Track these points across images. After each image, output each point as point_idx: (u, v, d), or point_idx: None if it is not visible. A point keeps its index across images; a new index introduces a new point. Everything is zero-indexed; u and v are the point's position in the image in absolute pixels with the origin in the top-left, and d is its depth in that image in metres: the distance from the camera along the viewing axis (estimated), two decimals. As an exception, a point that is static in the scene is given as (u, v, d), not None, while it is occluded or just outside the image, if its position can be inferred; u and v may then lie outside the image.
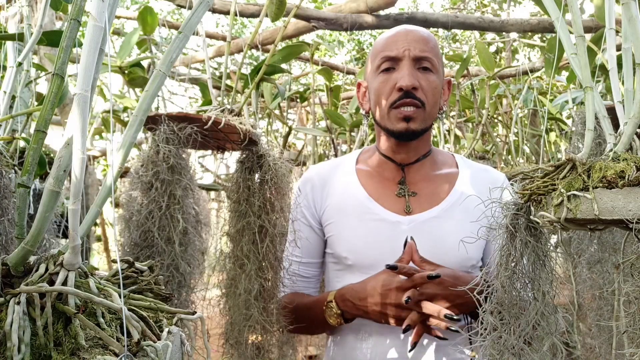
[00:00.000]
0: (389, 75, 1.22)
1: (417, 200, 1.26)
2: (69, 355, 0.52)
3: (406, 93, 1.19)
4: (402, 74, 1.20)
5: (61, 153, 0.59)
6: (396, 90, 1.20)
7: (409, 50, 1.21)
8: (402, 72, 1.20)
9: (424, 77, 1.21)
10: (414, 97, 1.19)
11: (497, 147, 2.86)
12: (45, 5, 0.98)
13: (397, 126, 1.21)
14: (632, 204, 0.62)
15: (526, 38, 4.42)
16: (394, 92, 1.20)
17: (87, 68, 0.57)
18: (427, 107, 1.21)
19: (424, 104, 1.21)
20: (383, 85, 1.23)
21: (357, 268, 1.23)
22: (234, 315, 1.15)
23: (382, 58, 1.23)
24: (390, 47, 1.23)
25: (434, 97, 1.22)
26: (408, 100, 1.19)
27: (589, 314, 1.32)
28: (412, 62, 1.21)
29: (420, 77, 1.21)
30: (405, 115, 1.20)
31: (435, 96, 1.23)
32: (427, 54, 1.22)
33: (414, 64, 1.21)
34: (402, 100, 1.20)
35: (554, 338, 0.75)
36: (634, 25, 0.71)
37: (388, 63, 1.23)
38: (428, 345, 1.18)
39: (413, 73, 1.20)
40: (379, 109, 1.25)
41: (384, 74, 1.23)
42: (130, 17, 3.28)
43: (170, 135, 1.06)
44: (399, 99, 1.20)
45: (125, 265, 0.69)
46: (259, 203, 1.14)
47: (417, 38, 1.23)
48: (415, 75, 1.20)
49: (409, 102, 1.19)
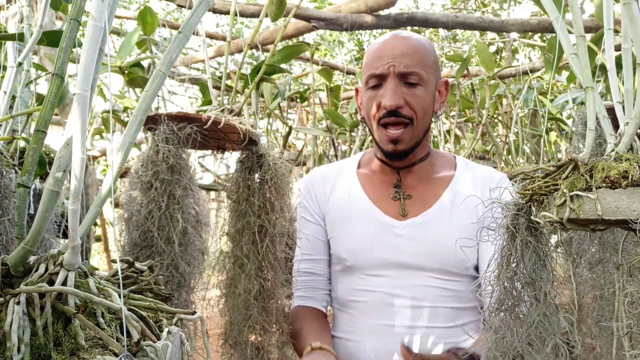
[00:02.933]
0: (376, 92, 1.21)
1: (412, 203, 1.26)
2: (68, 355, 0.52)
3: (391, 112, 1.18)
4: (386, 93, 1.18)
5: (61, 153, 0.59)
6: (382, 108, 1.19)
7: (393, 66, 1.18)
8: (386, 90, 1.18)
9: (410, 92, 1.19)
10: (399, 115, 1.18)
11: (497, 147, 2.86)
12: (45, 5, 0.98)
13: (386, 147, 1.22)
14: (636, 204, 0.62)
15: (526, 38, 4.42)
16: (380, 109, 1.19)
17: (87, 68, 0.57)
18: (416, 122, 1.20)
19: (412, 120, 1.19)
20: (370, 102, 1.22)
21: (356, 269, 1.26)
22: (233, 315, 1.15)
23: (368, 75, 1.22)
24: (375, 64, 1.21)
25: (422, 110, 1.20)
26: (393, 119, 1.18)
27: (590, 314, 1.32)
28: (397, 79, 1.18)
29: (406, 93, 1.18)
30: (392, 138, 1.19)
31: (424, 108, 1.21)
32: (413, 68, 1.18)
33: (400, 80, 1.19)
34: (387, 119, 1.18)
35: (557, 338, 0.75)
36: (635, 26, 0.71)
37: (374, 80, 1.21)
38: (433, 342, 1.19)
39: (397, 91, 1.18)
40: (369, 122, 1.25)
41: (371, 91, 1.22)
42: (130, 17, 3.28)
43: (170, 135, 1.06)
44: (384, 116, 1.19)
45: (125, 265, 0.69)
46: (259, 203, 1.14)
47: (403, 52, 1.19)
48: (400, 93, 1.18)
49: (394, 121, 1.18)
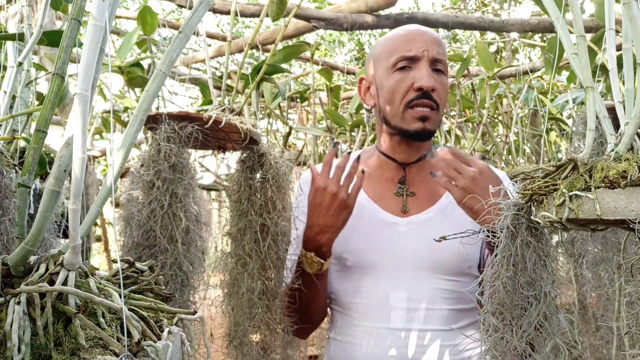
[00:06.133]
0: (406, 74, 1.21)
1: (414, 201, 1.26)
2: (69, 355, 0.52)
3: (424, 94, 1.19)
4: (422, 74, 1.19)
5: (61, 153, 0.59)
6: (413, 90, 1.19)
7: (427, 50, 1.20)
8: (421, 71, 1.19)
9: (439, 79, 1.21)
10: (431, 98, 1.19)
11: (498, 147, 2.85)
12: (45, 5, 0.98)
13: (412, 126, 1.21)
14: (635, 204, 0.62)
15: (526, 38, 4.42)
16: (410, 91, 1.20)
17: (87, 68, 0.57)
18: (440, 109, 1.22)
19: (438, 106, 1.21)
20: (399, 84, 1.21)
21: (356, 269, 1.24)
22: (237, 315, 1.15)
23: (400, 57, 1.22)
24: (408, 46, 1.22)
25: (445, 99, 1.24)
26: (426, 101, 1.19)
27: (593, 314, 1.32)
28: (429, 63, 1.21)
29: (436, 78, 1.21)
30: (422, 115, 1.20)
31: (446, 98, 1.24)
32: (442, 56, 1.22)
33: (431, 65, 1.21)
34: (419, 100, 1.19)
35: (557, 339, 0.75)
36: (635, 26, 0.71)
37: (405, 62, 1.21)
38: (429, 345, 1.18)
39: (431, 74, 1.20)
40: (390, 107, 1.24)
41: (400, 72, 1.22)
42: (130, 17, 3.28)
43: (171, 134, 1.06)
44: (416, 98, 1.19)
45: (125, 265, 0.69)
46: (261, 202, 1.14)
47: (432, 40, 1.23)
48: (433, 77, 1.20)
49: (426, 103, 1.19)
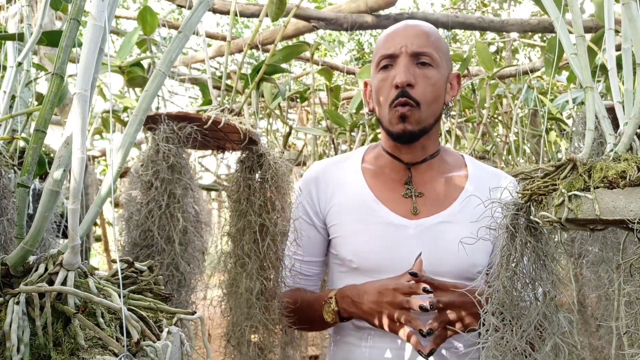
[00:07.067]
0: (387, 73, 1.20)
1: (424, 202, 1.23)
2: (68, 355, 0.52)
3: (402, 92, 1.17)
4: (398, 71, 1.18)
5: (61, 153, 0.59)
6: (394, 88, 1.18)
7: (405, 46, 1.18)
8: (398, 68, 1.18)
9: (421, 72, 1.18)
10: (408, 97, 1.17)
11: (497, 147, 2.85)
12: (45, 5, 0.98)
13: (395, 127, 1.19)
14: (634, 204, 0.62)
15: (526, 38, 4.42)
16: (392, 90, 1.18)
17: (87, 68, 0.57)
18: (423, 107, 1.18)
19: (419, 104, 1.17)
20: (382, 84, 1.21)
21: (362, 271, 1.21)
22: (235, 315, 1.15)
23: (380, 56, 1.22)
24: (387, 45, 1.21)
25: (432, 93, 1.19)
26: (402, 99, 1.17)
27: (593, 313, 1.32)
28: (409, 58, 1.18)
29: (418, 73, 1.18)
30: (401, 114, 1.17)
31: (435, 92, 1.19)
32: (426, 48, 1.19)
33: (412, 60, 1.19)
34: (398, 99, 1.17)
35: (557, 338, 0.75)
36: (634, 26, 0.71)
37: (386, 60, 1.21)
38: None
39: (409, 69, 1.17)
40: (379, 109, 1.23)
41: (383, 72, 1.21)
42: (130, 17, 3.28)
43: (170, 134, 1.06)
44: (396, 97, 1.17)
45: (124, 265, 0.69)
46: (260, 202, 1.14)
47: (416, 33, 1.20)
48: (412, 72, 1.17)
49: (401, 101, 1.17)
